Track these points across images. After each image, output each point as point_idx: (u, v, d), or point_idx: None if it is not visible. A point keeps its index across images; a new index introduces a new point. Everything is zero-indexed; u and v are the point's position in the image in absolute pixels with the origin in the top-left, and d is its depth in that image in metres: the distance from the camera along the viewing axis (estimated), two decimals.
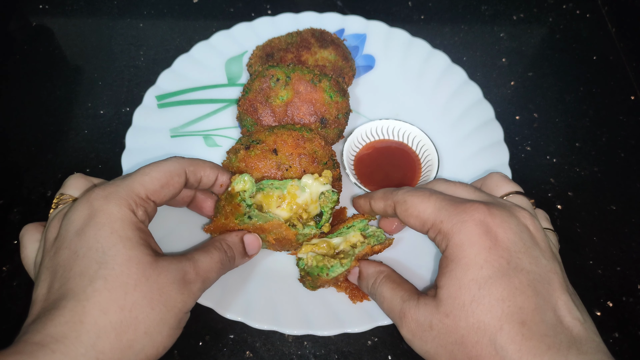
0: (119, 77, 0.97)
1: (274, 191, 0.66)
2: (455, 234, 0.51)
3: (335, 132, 0.80)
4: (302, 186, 0.67)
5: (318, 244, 0.67)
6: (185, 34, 1.04)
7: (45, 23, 1.06)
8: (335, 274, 0.63)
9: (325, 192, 0.67)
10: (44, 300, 0.48)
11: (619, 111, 0.95)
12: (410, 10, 1.10)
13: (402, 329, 0.54)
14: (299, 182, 0.66)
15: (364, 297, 0.67)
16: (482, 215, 0.51)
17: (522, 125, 0.92)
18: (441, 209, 0.54)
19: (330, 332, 0.64)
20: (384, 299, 0.58)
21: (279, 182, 0.67)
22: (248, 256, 0.65)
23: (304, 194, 0.67)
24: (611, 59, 1.03)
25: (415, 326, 0.52)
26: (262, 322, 0.64)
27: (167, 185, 0.58)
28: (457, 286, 0.49)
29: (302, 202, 0.66)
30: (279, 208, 0.66)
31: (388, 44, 0.97)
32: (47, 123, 0.90)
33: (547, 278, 0.49)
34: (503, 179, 0.62)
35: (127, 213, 0.52)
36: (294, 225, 0.65)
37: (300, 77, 0.78)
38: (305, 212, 0.67)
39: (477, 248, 0.49)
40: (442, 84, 0.91)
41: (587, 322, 0.48)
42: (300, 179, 0.67)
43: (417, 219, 0.56)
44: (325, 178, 0.67)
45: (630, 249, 0.78)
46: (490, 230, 0.50)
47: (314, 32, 0.90)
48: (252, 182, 0.64)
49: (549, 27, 1.09)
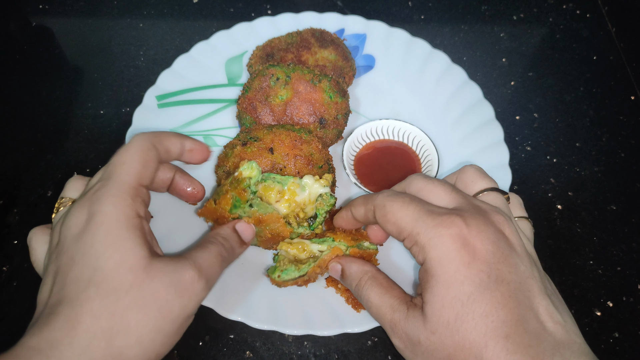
0: (119, 77, 0.97)
1: (275, 185, 0.66)
2: (432, 248, 0.50)
3: (334, 133, 0.80)
4: (303, 185, 0.66)
5: (295, 244, 0.65)
6: (185, 34, 1.04)
7: (45, 23, 1.06)
8: (288, 277, 0.63)
9: (324, 194, 0.67)
10: (44, 304, 0.49)
11: (619, 111, 0.95)
12: (410, 10, 1.10)
13: (393, 339, 0.54)
14: (300, 180, 0.66)
15: (361, 306, 0.65)
16: (459, 228, 0.50)
17: (522, 125, 0.92)
18: (418, 220, 0.52)
19: (330, 332, 0.64)
20: (371, 305, 0.57)
21: (281, 177, 0.66)
22: (245, 243, 0.63)
23: (303, 193, 0.67)
24: (611, 59, 1.03)
25: (405, 338, 0.52)
26: (262, 322, 0.64)
27: (146, 163, 0.56)
28: (441, 304, 0.48)
29: (301, 201, 0.66)
30: (277, 203, 0.66)
31: (388, 44, 0.97)
32: (47, 123, 0.90)
33: (527, 285, 0.49)
34: (478, 174, 0.61)
35: (123, 210, 0.51)
36: (289, 223, 0.66)
37: (300, 77, 0.78)
38: (302, 211, 0.67)
39: (455, 264, 0.49)
40: (442, 84, 0.91)
41: (568, 323, 0.49)
42: (302, 178, 0.66)
43: (394, 226, 0.55)
44: (326, 181, 0.67)
45: (631, 249, 0.78)
46: (467, 243, 0.49)
47: (314, 32, 0.90)
48: (259, 170, 0.64)
49: (549, 27, 1.09)
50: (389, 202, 0.56)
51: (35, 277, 0.72)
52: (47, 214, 0.79)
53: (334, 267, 0.62)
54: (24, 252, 0.75)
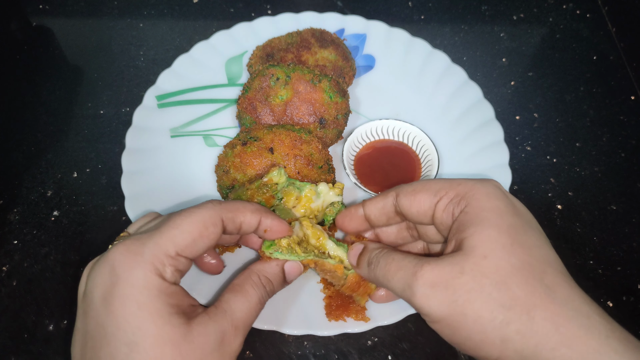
0: (119, 77, 0.97)
1: (294, 191, 0.66)
2: (478, 189, 0.51)
3: (334, 133, 0.80)
4: (318, 192, 0.67)
5: (315, 227, 0.62)
6: (185, 34, 1.04)
7: (46, 23, 1.06)
8: (279, 256, 0.60)
9: (335, 203, 0.67)
10: None
11: (620, 111, 0.95)
12: (411, 10, 1.10)
13: (418, 289, 0.47)
14: (316, 187, 0.66)
15: (340, 316, 0.65)
16: (496, 184, 0.53)
17: (522, 125, 0.92)
18: (453, 181, 0.54)
19: (330, 332, 0.64)
20: (392, 261, 0.52)
21: (300, 183, 0.67)
22: (287, 283, 0.60)
23: (318, 200, 0.67)
24: (611, 58, 1.03)
25: (437, 278, 0.47)
26: (262, 322, 0.64)
27: (201, 238, 0.51)
28: (497, 230, 0.47)
29: (315, 207, 0.67)
30: (294, 208, 0.66)
31: (388, 44, 0.97)
32: (47, 123, 0.90)
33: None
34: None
35: (153, 279, 0.47)
36: None
37: (300, 77, 0.78)
38: (315, 217, 0.67)
39: (505, 200, 0.50)
40: (442, 84, 0.91)
41: None
42: (318, 185, 0.67)
43: (428, 192, 0.54)
44: (339, 189, 0.67)
45: (631, 249, 0.78)
46: (507, 193, 0.53)
47: (314, 32, 0.90)
48: (286, 176, 0.64)
49: (549, 27, 1.09)
50: (414, 183, 0.57)
51: (34, 276, 0.72)
52: (46, 213, 0.79)
53: (356, 248, 0.60)
54: (23, 251, 0.75)
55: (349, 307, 0.65)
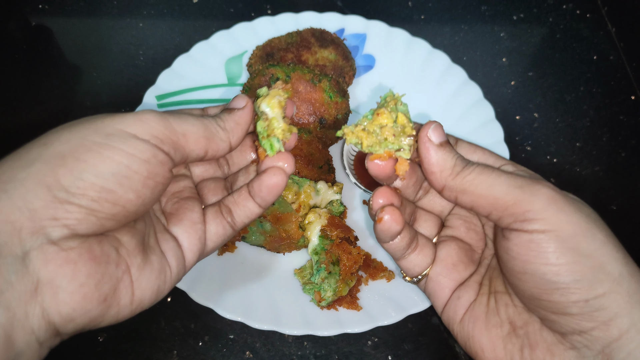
0: (118, 77, 0.96)
1: (293, 185, 0.66)
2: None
3: (334, 133, 0.80)
4: (317, 189, 0.67)
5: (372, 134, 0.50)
6: (185, 33, 1.03)
7: (45, 23, 1.05)
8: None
9: (335, 201, 0.67)
10: None
11: (620, 111, 0.95)
12: (411, 10, 1.10)
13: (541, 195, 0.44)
14: (315, 184, 0.67)
15: (332, 305, 0.65)
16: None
17: (522, 125, 0.92)
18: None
19: (331, 332, 0.64)
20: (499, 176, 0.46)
21: (299, 178, 0.67)
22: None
23: (317, 197, 0.67)
24: (611, 58, 1.03)
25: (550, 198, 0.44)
26: (262, 322, 0.64)
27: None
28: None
29: (313, 204, 0.67)
30: (293, 204, 0.66)
31: (388, 43, 0.97)
32: (46, 123, 0.89)
33: None
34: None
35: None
36: (301, 227, 0.66)
37: (300, 77, 0.78)
38: (316, 211, 0.67)
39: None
40: (442, 84, 0.91)
41: None
42: (316, 182, 0.67)
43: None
44: (338, 188, 0.68)
45: (631, 248, 0.77)
46: None
47: (314, 32, 0.90)
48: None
49: (549, 27, 1.09)
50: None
51: None
52: None
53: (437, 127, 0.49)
54: None
55: (340, 298, 0.65)
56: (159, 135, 0.43)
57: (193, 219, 0.49)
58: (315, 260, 0.66)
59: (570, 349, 0.45)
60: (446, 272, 0.54)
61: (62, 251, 0.38)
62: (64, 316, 0.38)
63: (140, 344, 0.67)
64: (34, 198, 0.38)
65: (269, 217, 0.64)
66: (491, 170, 0.47)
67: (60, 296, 0.37)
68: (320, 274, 0.64)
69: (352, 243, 0.66)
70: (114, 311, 0.42)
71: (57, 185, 0.38)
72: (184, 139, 0.45)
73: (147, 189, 0.43)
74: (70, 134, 0.43)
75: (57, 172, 0.39)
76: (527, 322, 0.49)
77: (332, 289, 0.63)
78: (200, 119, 0.47)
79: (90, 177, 0.39)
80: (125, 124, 0.43)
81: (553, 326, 0.47)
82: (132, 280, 0.43)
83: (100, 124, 0.43)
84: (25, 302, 0.37)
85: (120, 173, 0.40)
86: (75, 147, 0.41)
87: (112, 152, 0.40)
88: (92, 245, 0.40)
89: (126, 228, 0.44)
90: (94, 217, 0.39)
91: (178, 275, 0.48)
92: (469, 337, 0.52)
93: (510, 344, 0.49)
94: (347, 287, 0.64)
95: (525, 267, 0.45)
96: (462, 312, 0.52)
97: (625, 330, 0.43)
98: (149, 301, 0.45)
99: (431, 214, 0.58)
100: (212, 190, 0.54)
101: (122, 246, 0.43)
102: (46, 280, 0.37)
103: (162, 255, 0.46)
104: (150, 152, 0.42)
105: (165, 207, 0.50)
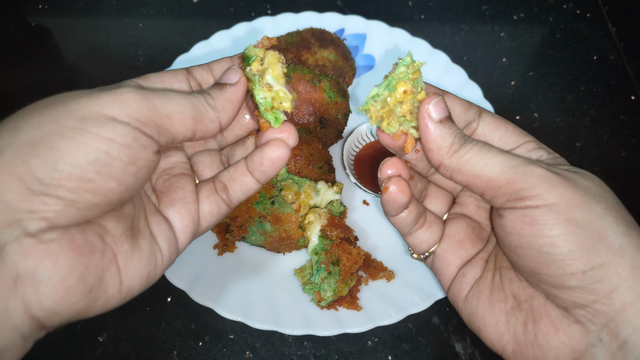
0: (118, 77, 0.96)
1: (293, 185, 0.66)
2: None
3: (334, 133, 0.80)
4: (318, 189, 0.67)
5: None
6: (185, 33, 1.03)
7: (44, 23, 1.05)
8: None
9: (335, 201, 0.67)
10: None
11: (620, 110, 0.95)
12: (411, 10, 1.10)
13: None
14: (314, 184, 0.66)
15: (332, 305, 0.65)
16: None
17: (523, 125, 0.91)
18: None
19: (330, 332, 0.64)
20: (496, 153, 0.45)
21: (299, 178, 0.67)
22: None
23: (317, 197, 0.67)
24: (612, 58, 1.03)
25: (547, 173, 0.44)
26: (262, 322, 0.64)
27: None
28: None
29: (313, 204, 0.67)
30: (293, 204, 0.66)
31: (388, 43, 0.97)
32: None
33: None
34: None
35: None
36: (301, 227, 0.66)
37: (300, 77, 0.78)
38: (316, 211, 0.67)
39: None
40: (442, 84, 0.91)
41: None
42: (316, 183, 0.67)
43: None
44: (338, 188, 0.67)
45: None
46: None
47: (314, 32, 0.90)
48: (285, 168, 0.64)
49: (549, 26, 1.09)
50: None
51: None
52: None
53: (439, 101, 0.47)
54: None
55: (340, 298, 0.65)
56: (140, 117, 0.40)
57: (186, 198, 0.46)
58: (315, 260, 0.65)
59: (575, 323, 0.44)
60: (453, 249, 0.53)
61: (41, 243, 0.35)
62: (47, 310, 0.36)
63: (141, 344, 0.67)
64: (5, 191, 0.35)
65: (269, 217, 0.64)
66: (487, 149, 0.46)
67: (42, 290, 0.35)
68: (320, 274, 0.64)
69: (352, 243, 0.66)
70: (101, 301, 0.39)
71: (30, 177, 0.35)
72: (169, 121, 0.42)
73: (129, 176, 0.39)
74: (41, 117, 0.38)
75: (29, 162, 0.35)
76: (532, 295, 0.48)
77: (332, 289, 0.62)
78: (188, 97, 0.44)
79: (65, 167, 0.36)
80: (102, 105, 0.39)
81: (556, 300, 0.46)
82: (120, 269, 0.40)
83: (75, 105, 0.39)
84: (5, 298, 0.34)
85: (99, 161, 0.37)
86: (47, 133, 0.37)
87: (89, 137, 0.37)
88: (74, 235, 0.37)
89: (112, 213, 0.41)
90: (74, 208, 0.37)
91: (170, 259, 0.45)
92: (472, 313, 0.51)
93: (514, 318, 0.48)
94: (347, 287, 0.64)
95: (520, 240, 0.44)
96: (467, 289, 0.52)
97: (630, 303, 0.41)
98: (139, 288, 0.42)
99: (443, 191, 0.57)
100: (207, 166, 0.50)
101: (108, 233, 0.40)
102: (26, 274, 0.35)
103: (153, 239, 0.44)
104: (130, 135, 0.39)
105: (156, 185, 0.47)
